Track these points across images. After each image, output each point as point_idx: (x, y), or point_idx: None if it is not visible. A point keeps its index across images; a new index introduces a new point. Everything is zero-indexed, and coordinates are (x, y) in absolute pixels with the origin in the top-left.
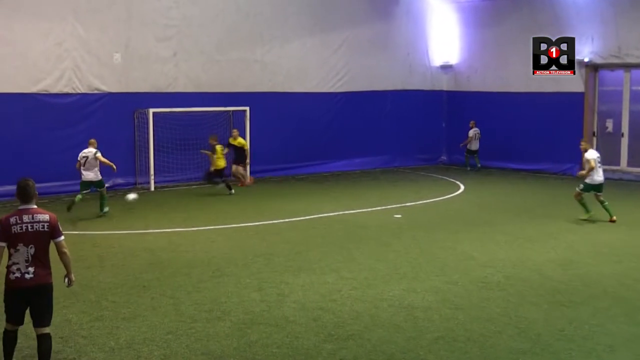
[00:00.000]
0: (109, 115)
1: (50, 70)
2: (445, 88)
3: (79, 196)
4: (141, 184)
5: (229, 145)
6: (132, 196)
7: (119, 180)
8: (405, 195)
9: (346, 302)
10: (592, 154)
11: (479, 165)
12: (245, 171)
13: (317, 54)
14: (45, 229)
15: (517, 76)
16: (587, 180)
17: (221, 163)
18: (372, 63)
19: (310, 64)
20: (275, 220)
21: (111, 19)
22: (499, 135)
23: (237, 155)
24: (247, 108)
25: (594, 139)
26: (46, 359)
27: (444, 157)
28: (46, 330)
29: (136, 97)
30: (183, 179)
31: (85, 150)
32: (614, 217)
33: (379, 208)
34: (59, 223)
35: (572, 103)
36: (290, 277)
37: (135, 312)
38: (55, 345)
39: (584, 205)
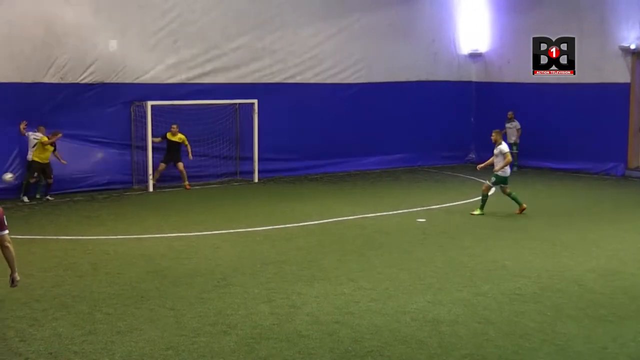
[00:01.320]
0: (103, 108)
1: (38, 57)
2: (474, 79)
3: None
4: (138, 184)
5: (164, 138)
6: (8, 176)
7: (114, 180)
8: (430, 198)
9: (364, 315)
10: (507, 146)
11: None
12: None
13: (332, 41)
14: None
15: None
16: (500, 173)
17: (41, 156)
18: (393, 51)
19: (325, 53)
20: (286, 224)
21: (106, 2)
22: (534, 132)
23: (171, 152)
24: (255, 101)
25: None
26: None
27: (472, 155)
28: None
29: (133, 88)
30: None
31: (32, 134)
32: (524, 206)
33: (400, 211)
34: (4, 217)
35: (616, 95)
36: (303, 287)
37: (132, 326)
38: None
39: (484, 201)
